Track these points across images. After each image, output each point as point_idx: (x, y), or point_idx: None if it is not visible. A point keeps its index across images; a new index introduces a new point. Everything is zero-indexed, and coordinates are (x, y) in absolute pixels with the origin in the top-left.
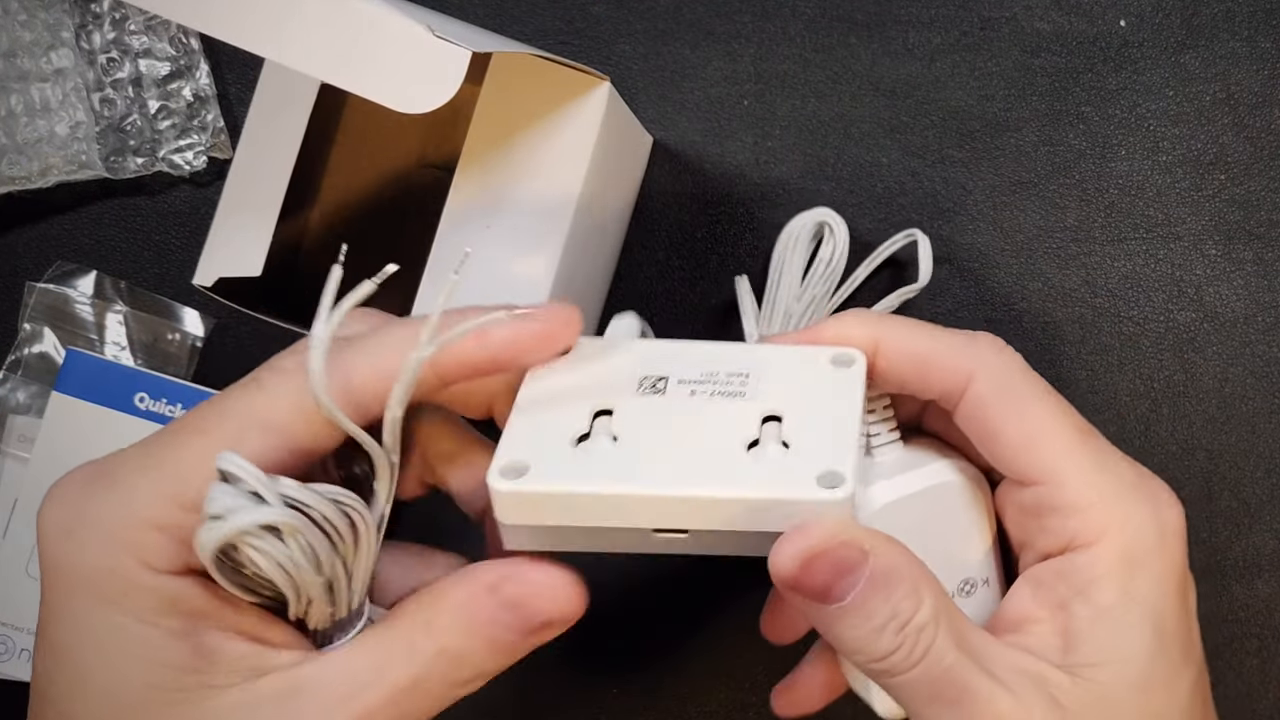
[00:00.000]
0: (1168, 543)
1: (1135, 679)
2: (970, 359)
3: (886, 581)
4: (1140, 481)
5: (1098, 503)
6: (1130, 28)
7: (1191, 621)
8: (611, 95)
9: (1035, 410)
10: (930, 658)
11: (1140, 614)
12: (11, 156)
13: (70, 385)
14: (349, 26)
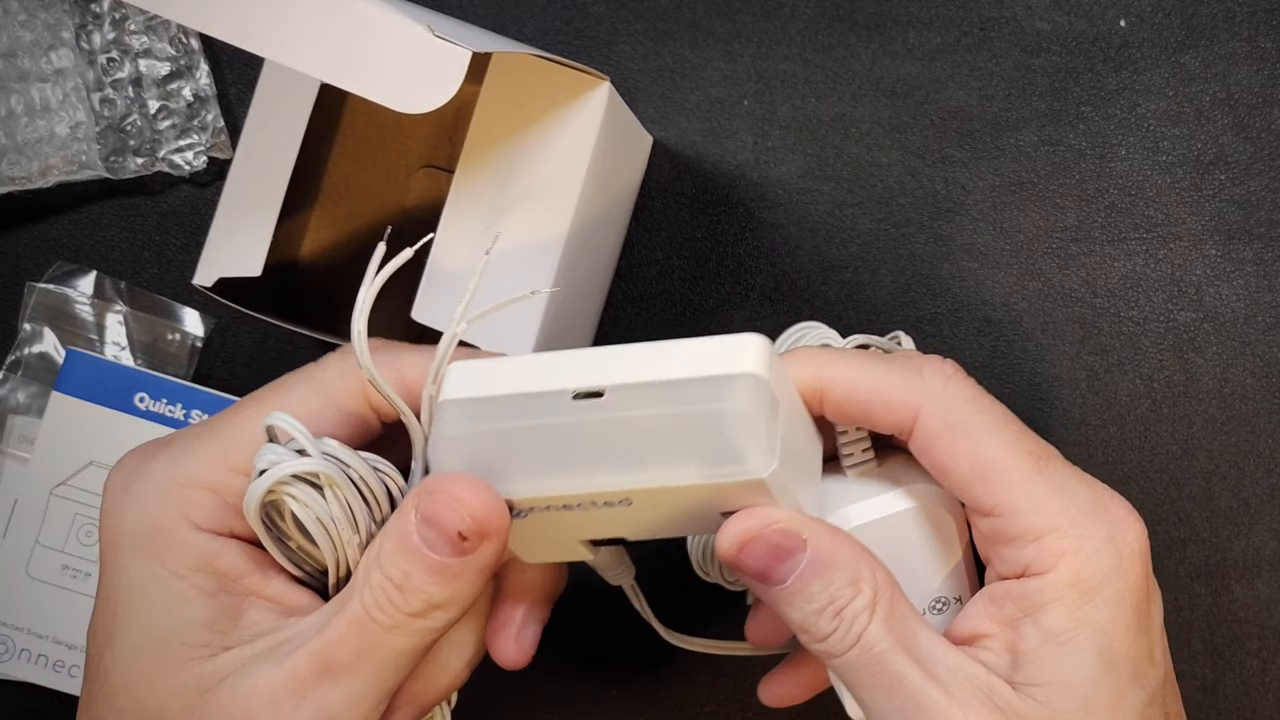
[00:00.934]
0: (1123, 565)
1: (1078, 701)
2: (916, 393)
3: (825, 568)
4: (1096, 504)
5: (1050, 531)
6: (1130, 28)
7: (1151, 640)
8: (612, 95)
9: (985, 442)
10: (863, 642)
11: (1087, 639)
12: (11, 156)
13: (70, 385)
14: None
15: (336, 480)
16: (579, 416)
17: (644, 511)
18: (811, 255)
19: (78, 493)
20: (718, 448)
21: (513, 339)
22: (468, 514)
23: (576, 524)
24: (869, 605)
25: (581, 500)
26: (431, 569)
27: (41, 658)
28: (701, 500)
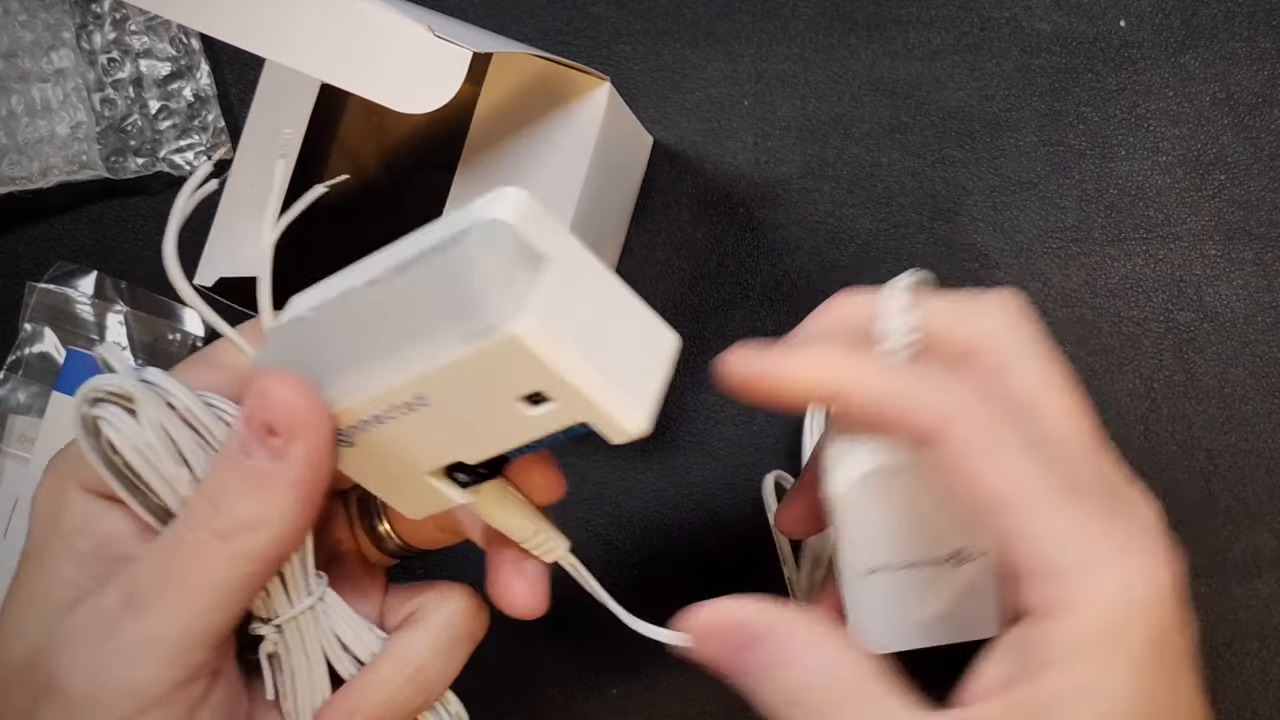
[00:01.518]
0: (1151, 612)
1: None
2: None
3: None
4: (1130, 542)
5: (1071, 570)
6: (1130, 28)
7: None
8: (612, 95)
9: (1009, 469)
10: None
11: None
12: (12, 156)
13: (71, 385)
14: (349, 27)
15: (146, 401)
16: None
17: (448, 411)
18: (812, 255)
19: None
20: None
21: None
22: (279, 404)
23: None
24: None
25: (380, 406)
26: (243, 477)
27: None
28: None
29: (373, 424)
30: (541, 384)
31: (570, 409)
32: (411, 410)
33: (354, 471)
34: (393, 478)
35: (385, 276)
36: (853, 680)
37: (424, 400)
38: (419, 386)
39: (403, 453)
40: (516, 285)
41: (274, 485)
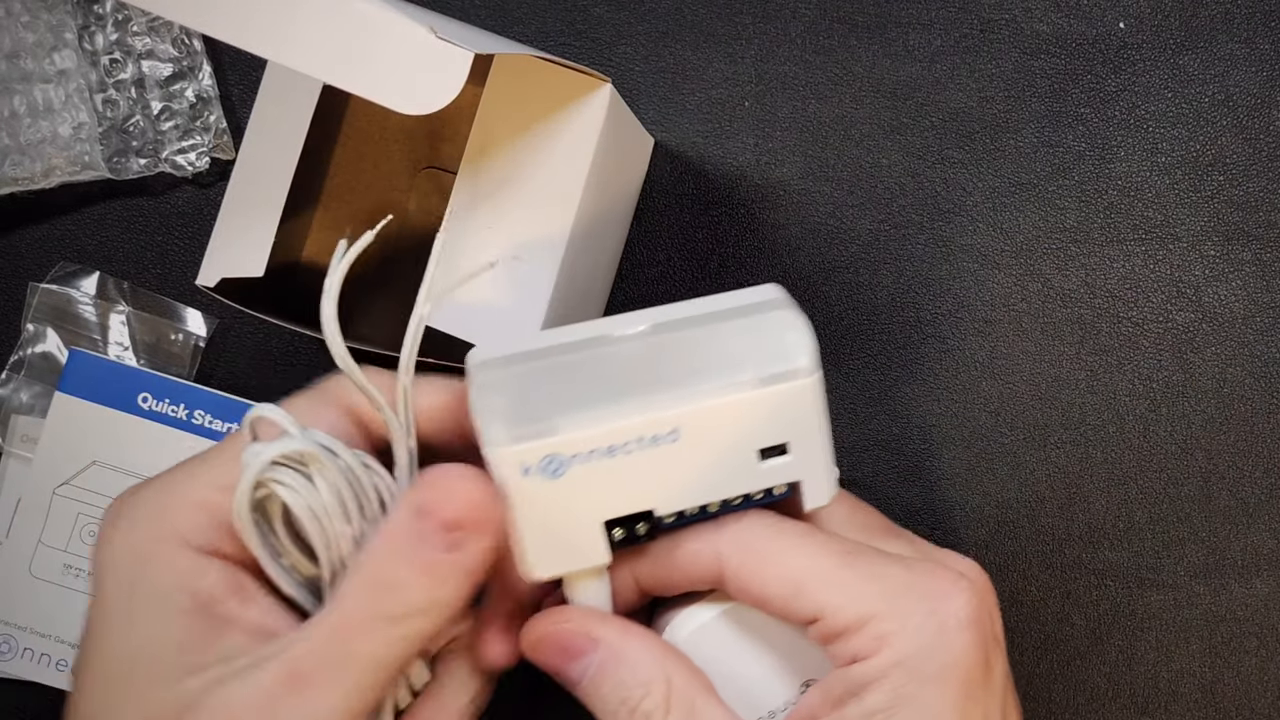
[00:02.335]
0: (946, 638)
1: None
2: (713, 541)
3: (615, 668)
4: (912, 583)
5: (871, 618)
6: (1129, 30)
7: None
8: (613, 96)
9: (792, 557)
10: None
11: (910, 711)
12: (14, 157)
13: (73, 385)
14: (351, 28)
15: (324, 462)
16: (623, 348)
17: (688, 448)
18: (812, 256)
19: (81, 492)
20: (766, 350)
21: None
22: (463, 500)
23: (611, 483)
24: (661, 705)
25: (628, 434)
26: (419, 567)
27: (44, 657)
28: (748, 430)
29: (599, 455)
30: (803, 435)
31: (800, 465)
32: (654, 445)
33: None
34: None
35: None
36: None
37: (676, 434)
38: (686, 420)
39: (603, 491)
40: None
41: (449, 575)
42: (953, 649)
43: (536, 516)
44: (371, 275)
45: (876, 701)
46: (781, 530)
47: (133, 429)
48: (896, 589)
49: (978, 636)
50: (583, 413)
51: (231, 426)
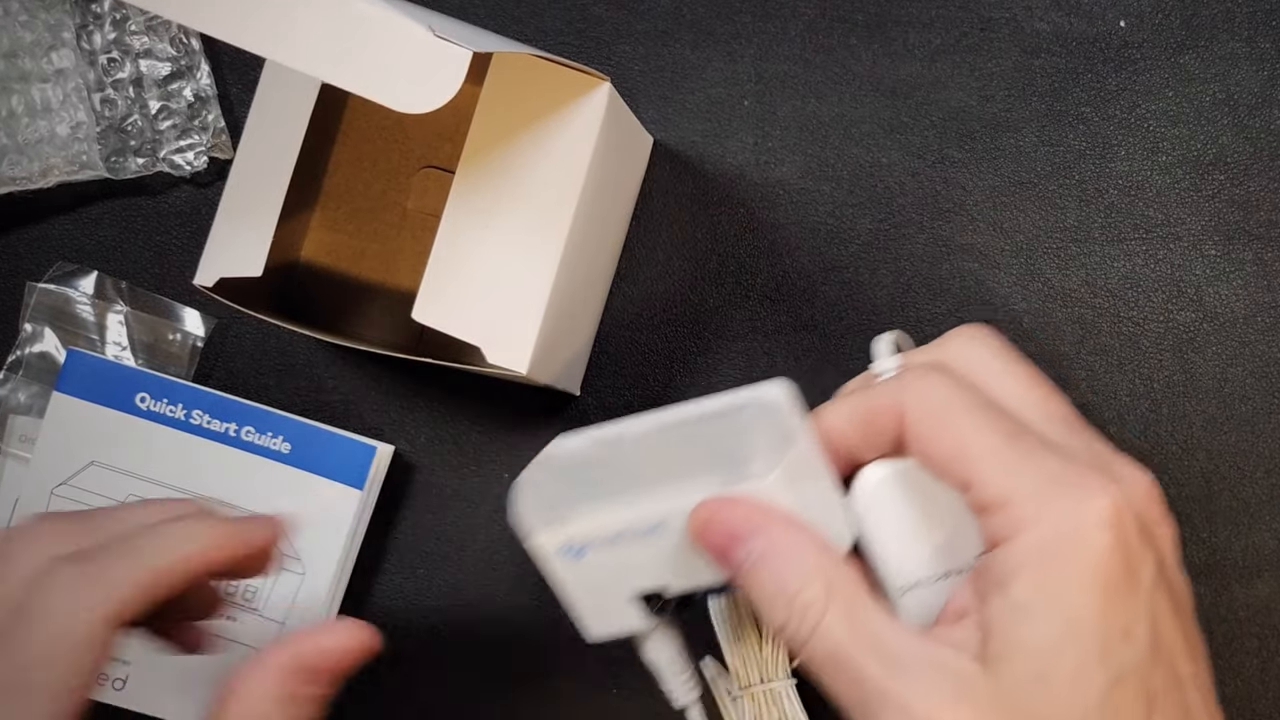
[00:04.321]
0: (1089, 535)
1: (1034, 673)
2: (899, 396)
3: (775, 557)
4: (1066, 474)
5: (1015, 499)
6: (1130, 28)
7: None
8: (612, 95)
9: (961, 423)
10: (818, 634)
11: (1051, 607)
12: (12, 157)
13: (71, 385)
14: (350, 27)
15: None
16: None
17: (676, 540)
18: (812, 255)
19: (79, 492)
20: (729, 457)
21: (513, 340)
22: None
23: (625, 565)
24: (822, 597)
25: (620, 525)
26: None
27: None
28: None
29: (606, 545)
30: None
31: None
32: (650, 535)
33: (561, 579)
34: (597, 592)
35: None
36: (840, 582)
37: (661, 528)
38: (668, 514)
39: (619, 572)
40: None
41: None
42: (1090, 546)
43: (577, 590)
44: (370, 275)
45: (1018, 593)
46: (960, 396)
47: (131, 429)
48: (1045, 477)
49: (1117, 539)
50: (586, 508)
51: (230, 427)
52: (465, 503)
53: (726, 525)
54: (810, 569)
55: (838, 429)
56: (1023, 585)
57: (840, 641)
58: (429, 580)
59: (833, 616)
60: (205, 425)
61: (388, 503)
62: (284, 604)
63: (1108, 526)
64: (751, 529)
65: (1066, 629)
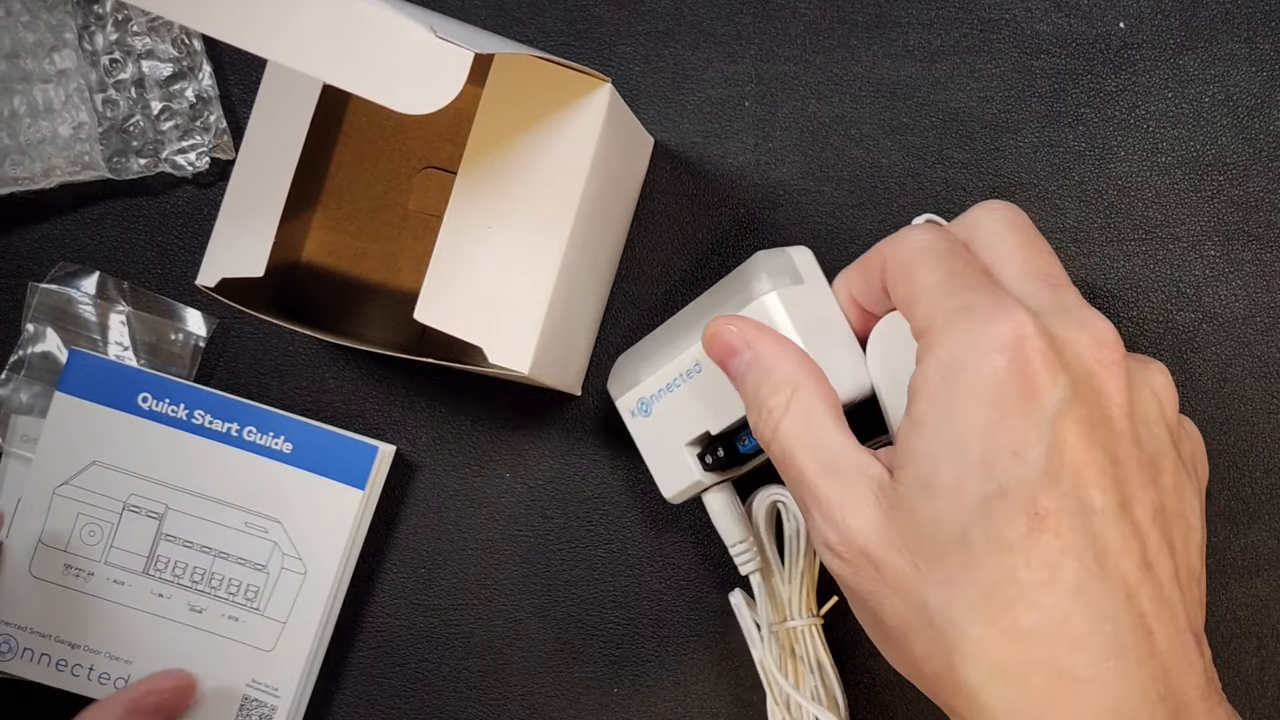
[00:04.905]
0: (981, 356)
1: (921, 482)
2: (883, 248)
3: (757, 366)
4: (977, 305)
5: (932, 327)
6: (1129, 29)
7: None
8: (613, 96)
9: (917, 266)
10: (778, 435)
11: (938, 421)
12: (14, 157)
13: (73, 385)
14: (351, 28)
15: None
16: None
17: (710, 374)
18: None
19: (81, 492)
20: (740, 291)
21: (515, 340)
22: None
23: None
24: (784, 404)
25: (671, 374)
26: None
27: (44, 657)
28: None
29: (664, 393)
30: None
31: None
32: (689, 377)
33: (641, 438)
34: (663, 449)
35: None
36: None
37: (699, 367)
38: (700, 353)
39: (675, 419)
40: (770, 275)
41: None
42: (980, 367)
43: (650, 449)
44: (372, 275)
45: (917, 408)
46: (929, 245)
47: (133, 429)
48: (960, 307)
49: (1011, 363)
50: (647, 369)
51: (232, 427)
52: (466, 502)
53: (723, 338)
54: (779, 379)
55: (853, 282)
56: (921, 402)
57: (792, 444)
58: (430, 580)
59: (789, 421)
60: (207, 425)
61: (389, 502)
62: (286, 604)
63: (1001, 350)
64: (742, 342)
65: (950, 442)
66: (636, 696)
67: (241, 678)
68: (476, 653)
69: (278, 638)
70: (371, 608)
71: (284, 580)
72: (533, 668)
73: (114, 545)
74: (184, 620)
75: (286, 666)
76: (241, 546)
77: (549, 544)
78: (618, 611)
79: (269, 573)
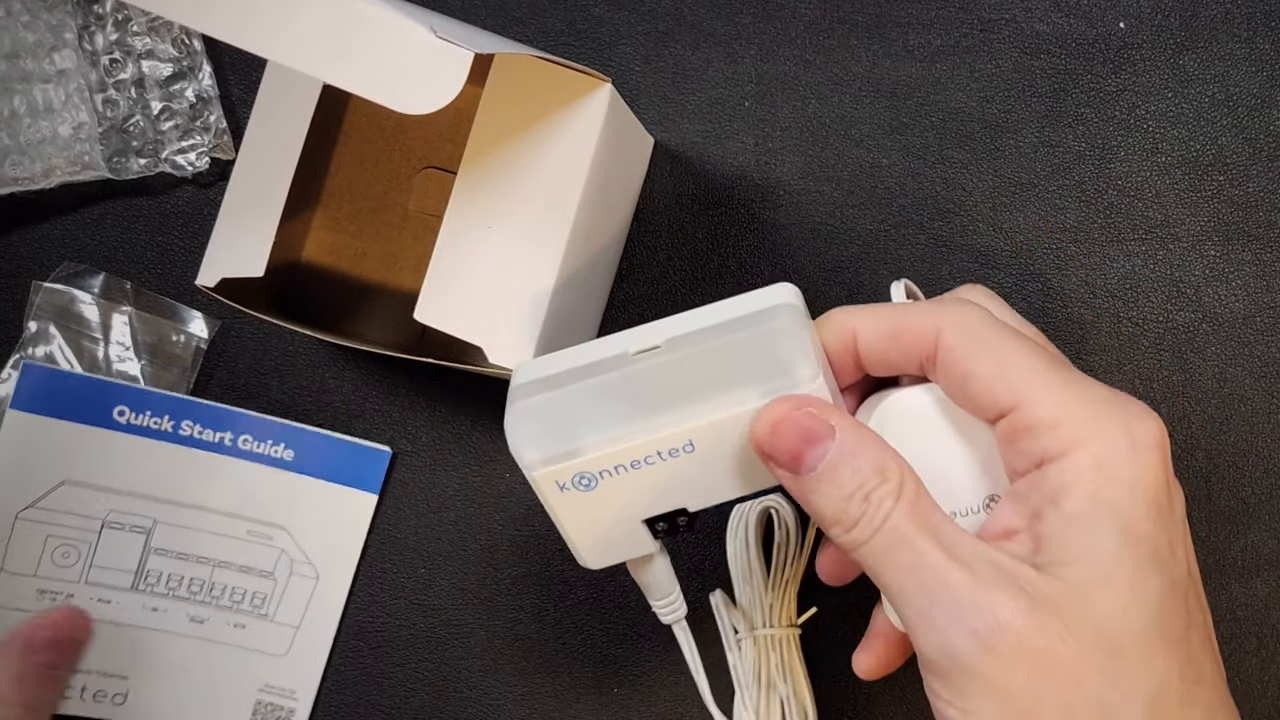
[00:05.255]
0: (1139, 453)
1: (1098, 575)
2: (936, 317)
3: (853, 455)
4: (1113, 398)
5: (1067, 418)
6: (1129, 29)
7: (1171, 533)
8: (613, 96)
9: (1003, 347)
10: (888, 524)
11: (1107, 517)
12: (15, 157)
13: (31, 401)
14: (351, 28)
15: None
16: (639, 367)
17: (706, 457)
18: (812, 256)
19: (48, 514)
20: (769, 366)
21: (515, 340)
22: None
23: (641, 490)
24: (895, 491)
25: (646, 449)
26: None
27: None
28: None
29: (625, 470)
30: None
31: None
32: (674, 457)
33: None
34: (599, 523)
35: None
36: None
37: (691, 446)
38: (700, 433)
39: (635, 496)
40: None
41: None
42: (1145, 465)
43: (580, 523)
44: (372, 275)
45: (1074, 505)
46: (997, 322)
47: (108, 444)
48: (1095, 401)
49: (1163, 460)
50: (605, 434)
51: (225, 436)
52: (466, 502)
53: (801, 425)
54: (883, 466)
55: (864, 337)
56: (1078, 497)
57: (908, 532)
58: (430, 579)
59: (902, 508)
60: (198, 436)
61: (389, 502)
62: (298, 609)
63: (1156, 448)
64: (828, 429)
65: (1123, 537)
66: (636, 696)
67: (253, 683)
68: (476, 653)
69: (291, 642)
70: (371, 607)
71: (294, 585)
72: (532, 668)
73: (94, 564)
74: (184, 631)
75: (303, 670)
76: (245, 555)
77: (548, 544)
78: (617, 612)
79: (276, 579)
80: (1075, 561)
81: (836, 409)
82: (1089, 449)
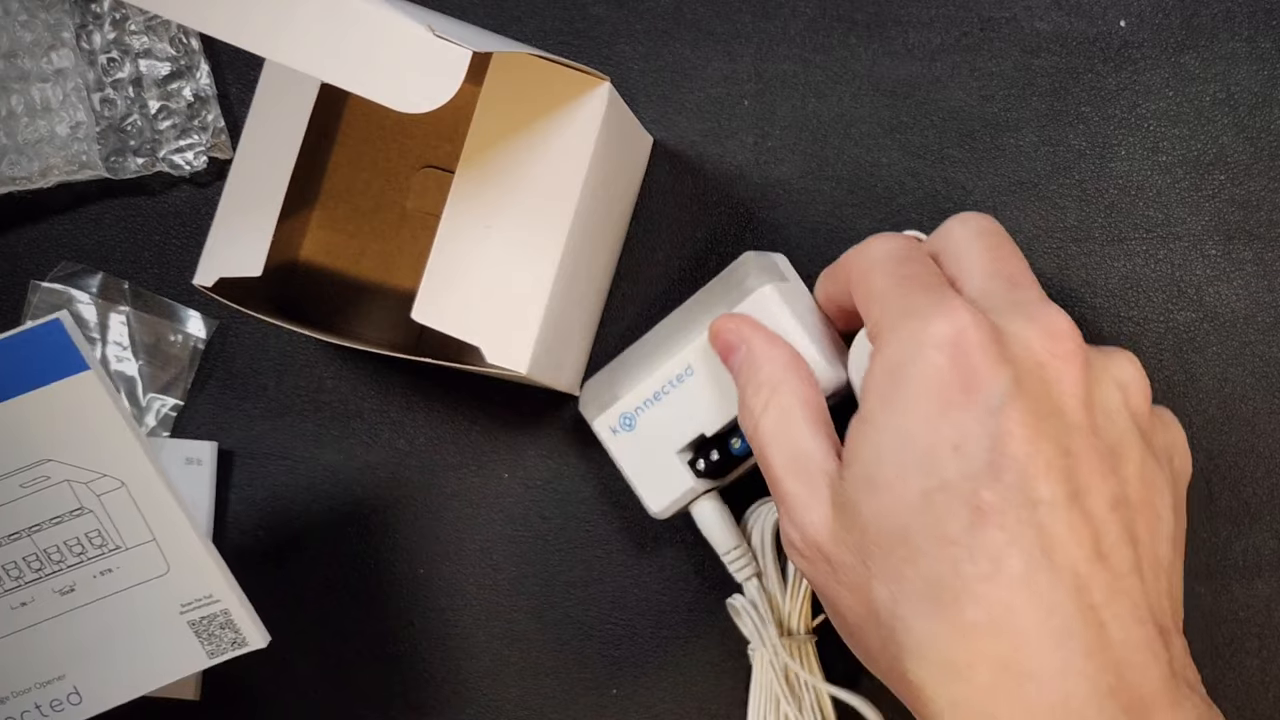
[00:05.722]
0: (923, 353)
1: (865, 478)
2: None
3: (748, 367)
4: (920, 305)
5: (879, 328)
6: (1130, 28)
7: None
8: (612, 95)
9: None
10: (757, 433)
11: (883, 419)
12: (12, 157)
13: None
14: (349, 26)
15: None
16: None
17: (704, 379)
18: (812, 256)
19: None
20: (735, 288)
21: (513, 340)
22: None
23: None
24: (765, 403)
25: (660, 381)
26: None
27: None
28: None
29: (651, 403)
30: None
31: None
32: (680, 382)
33: (622, 455)
34: (647, 460)
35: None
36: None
37: (691, 370)
38: (691, 356)
39: (664, 428)
40: (764, 272)
41: None
42: (920, 364)
43: (633, 463)
44: (370, 275)
45: (865, 408)
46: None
47: None
48: (904, 309)
49: (951, 359)
50: (631, 381)
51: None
52: (464, 503)
53: (723, 335)
54: (763, 378)
55: (828, 286)
56: (868, 401)
57: (766, 442)
58: (429, 580)
59: (766, 420)
60: None
61: (388, 502)
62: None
63: (940, 346)
64: (739, 339)
65: (893, 438)
66: (635, 697)
67: (170, 611)
68: (474, 654)
69: (164, 555)
70: (370, 607)
71: (110, 503)
72: (531, 669)
73: None
74: (65, 608)
75: (197, 570)
76: (41, 507)
77: (547, 544)
78: (616, 612)
79: (90, 508)
80: (854, 463)
81: (754, 324)
82: (881, 355)
